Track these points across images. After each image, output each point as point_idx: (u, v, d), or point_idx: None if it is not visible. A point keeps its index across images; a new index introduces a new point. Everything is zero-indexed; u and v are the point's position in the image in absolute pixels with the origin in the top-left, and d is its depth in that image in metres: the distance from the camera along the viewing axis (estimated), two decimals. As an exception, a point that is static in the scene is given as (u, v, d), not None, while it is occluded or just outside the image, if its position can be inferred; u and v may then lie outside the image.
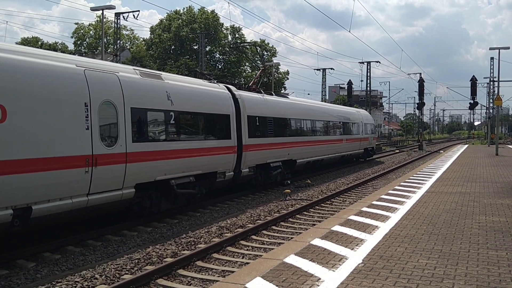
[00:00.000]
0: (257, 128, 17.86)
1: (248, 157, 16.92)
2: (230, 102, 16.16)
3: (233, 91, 16.81)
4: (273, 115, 19.44)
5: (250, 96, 18.19)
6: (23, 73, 8.78)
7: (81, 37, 75.77)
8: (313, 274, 6.14)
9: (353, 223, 9.36)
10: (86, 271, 8.25)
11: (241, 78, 73.49)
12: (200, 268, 8.73)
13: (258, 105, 18.37)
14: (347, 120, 30.89)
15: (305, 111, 24.06)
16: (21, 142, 8.53)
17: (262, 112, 18.47)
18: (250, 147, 17.04)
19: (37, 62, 9.21)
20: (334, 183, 21.51)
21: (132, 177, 11.13)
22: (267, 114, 18.93)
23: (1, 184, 8.11)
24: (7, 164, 8.18)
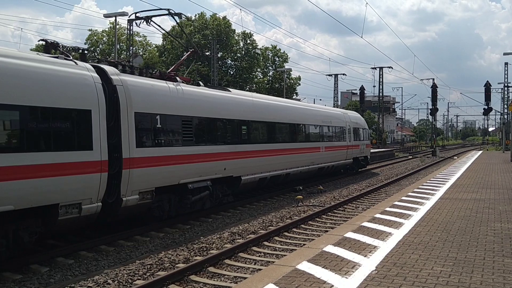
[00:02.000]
0: (158, 132, 12.30)
1: (137, 177, 11.21)
2: (92, 90, 10.26)
3: (108, 74, 11.20)
4: (194, 114, 13.80)
5: (143, 84, 12.23)
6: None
7: (94, 43, 76.47)
8: (325, 281, 6.10)
9: (366, 230, 9.29)
10: (99, 276, 8.28)
11: (253, 84, 73.67)
12: (212, 274, 8.71)
13: (160, 98, 12.58)
14: (327, 123, 24.66)
15: (257, 109, 17.73)
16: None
17: (169, 108, 12.77)
18: (140, 161, 11.38)
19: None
20: (347, 189, 21.40)
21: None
22: (182, 113, 13.25)
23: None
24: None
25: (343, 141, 26.66)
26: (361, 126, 30.73)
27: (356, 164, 29.22)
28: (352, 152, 27.92)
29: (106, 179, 10.31)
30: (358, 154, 29.22)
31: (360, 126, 30.63)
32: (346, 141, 27.06)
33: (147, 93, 12.17)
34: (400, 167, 36.85)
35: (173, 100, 13.09)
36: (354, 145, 28.31)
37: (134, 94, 11.56)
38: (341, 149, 26.22)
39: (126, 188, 10.96)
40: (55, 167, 9.18)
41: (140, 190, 11.42)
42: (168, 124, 12.72)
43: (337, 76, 67.88)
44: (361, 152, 29.82)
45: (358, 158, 29.35)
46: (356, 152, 28.73)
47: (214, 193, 14.60)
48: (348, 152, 27.30)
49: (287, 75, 69.32)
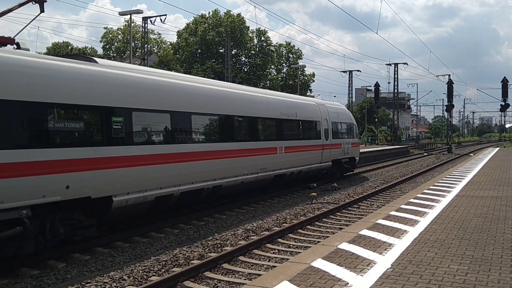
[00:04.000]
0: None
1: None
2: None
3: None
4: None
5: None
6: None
7: (109, 41, 77.13)
8: (341, 278, 6.07)
9: (381, 227, 9.23)
10: (115, 272, 8.35)
11: (267, 81, 73.66)
12: (226, 270, 8.73)
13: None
14: (289, 116, 18.81)
15: (145, 91, 11.57)
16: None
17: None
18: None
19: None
20: (361, 186, 21.29)
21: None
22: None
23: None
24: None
25: (316, 139, 20.96)
26: (344, 121, 24.81)
27: (339, 168, 23.44)
28: (331, 153, 22.13)
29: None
30: (340, 155, 23.39)
31: (343, 120, 24.72)
32: (321, 139, 21.30)
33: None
34: (415, 164, 36.57)
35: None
36: (334, 144, 22.53)
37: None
38: (313, 149, 20.46)
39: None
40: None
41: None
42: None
43: (351, 73, 67.54)
44: (345, 153, 23.95)
45: (341, 160, 23.46)
46: (337, 153, 22.98)
47: (48, 228, 9.13)
48: (325, 153, 21.51)
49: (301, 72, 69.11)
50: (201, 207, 14.91)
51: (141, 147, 11.13)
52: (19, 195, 8.21)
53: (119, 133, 10.56)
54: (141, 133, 11.38)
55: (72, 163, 9.21)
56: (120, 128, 10.56)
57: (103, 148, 10.04)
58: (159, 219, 12.85)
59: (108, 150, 10.15)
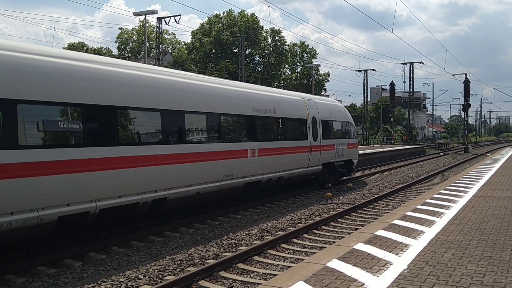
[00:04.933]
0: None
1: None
2: None
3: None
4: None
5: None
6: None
7: (124, 41, 77.68)
8: (356, 279, 6.03)
9: (397, 228, 9.15)
10: (130, 271, 8.40)
11: (281, 81, 73.60)
12: (241, 270, 8.74)
13: None
14: (264, 112, 15.82)
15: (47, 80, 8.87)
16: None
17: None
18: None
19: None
20: (377, 186, 21.14)
21: None
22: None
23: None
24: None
25: (302, 140, 18.10)
26: (338, 119, 21.74)
27: (331, 172, 20.62)
28: (320, 155, 19.26)
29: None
30: (333, 157, 20.45)
31: (337, 118, 21.59)
32: (308, 140, 18.41)
33: None
34: (431, 164, 36.24)
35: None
36: (325, 145, 19.68)
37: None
38: (298, 151, 17.66)
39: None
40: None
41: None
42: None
43: (366, 72, 67.09)
44: (339, 155, 20.97)
45: (334, 164, 20.56)
46: (329, 155, 20.05)
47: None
48: (313, 155, 18.64)
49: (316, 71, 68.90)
50: (216, 207, 14.94)
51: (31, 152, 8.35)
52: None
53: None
54: (34, 134, 8.59)
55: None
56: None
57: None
58: (174, 218, 12.90)
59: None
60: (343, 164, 21.59)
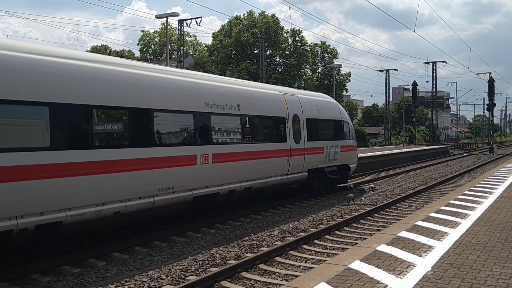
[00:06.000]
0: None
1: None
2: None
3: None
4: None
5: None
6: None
7: (146, 44, 78.43)
8: (379, 280, 5.98)
9: (421, 229, 9.04)
10: (153, 271, 8.47)
11: (302, 81, 73.44)
12: (263, 271, 8.74)
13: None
14: (227, 108, 13.15)
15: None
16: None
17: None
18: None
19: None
20: (400, 187, 20.92)
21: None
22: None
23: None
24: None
25: (279, 142, 15.24)
26: (328, 117, 18.77)
27: (321, 180, 17.93)
28: (305, 160, 16.46)
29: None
30: (322, 162, 17.67)
31: (327, 116, 18.65)
32: (288, 142, 15.55)
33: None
34: (455, 164, 35.70)
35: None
36: (311, 148, 16.82)
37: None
38: (272, 155, 14.81)
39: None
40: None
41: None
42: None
43: (388, 72, 66.41)
44: (329, 159, 18.14)
45: (323, 170, 17.80)
46: (316, 160, 17.29)
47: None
48: (294, 160, 15.77)
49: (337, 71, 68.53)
50: (236, 208, 14.98)
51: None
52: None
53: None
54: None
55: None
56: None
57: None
58: (196, 219, 12.98)
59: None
60: (336, 169, 18.73)
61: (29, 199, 8.03)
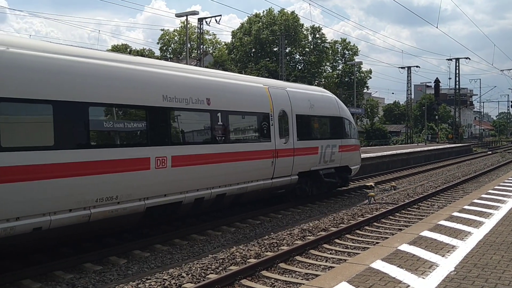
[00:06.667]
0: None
1: None
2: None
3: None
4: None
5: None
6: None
7: (166, 43, 78.98)
8: (401, 280, 5.91)
9: (444, 229, 8.90)
10: (173, 269, 8.52)
11: (322, 79, 73.10)
12: (283, 270, 8.71)
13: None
14: (192, 102, 11.20)
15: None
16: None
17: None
18: None
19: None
20: (422, 186, 20.66)
21: None
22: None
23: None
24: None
25: (261, 141, 13.50)
26: (324, 113, 16.82)
27: (315, 183, 16.14)
28: (294, 161, 14.58)
29: None
30: (315, 164, 15.76)
31: (322, 112, 16.64)
32: (272, 141, 13.71)
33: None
34: (478, 163, 35.13)
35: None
36: (301, 148, 14.90)
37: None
38: (251, 157, 12.96)
39: None
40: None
41: None
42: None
43: (410, 69, 65.69)
44: (325, 161, 16.26)
45: (318, 172, 15.91)
46: (308, 161, 15.40)
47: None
48: (280, 162, 13.94)
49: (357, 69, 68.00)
50: (256, 207, 14.97)
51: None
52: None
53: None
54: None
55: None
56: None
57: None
58: (215, 217, 13.01)
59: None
60: (334, 172, 16.86)
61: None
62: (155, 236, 10.86)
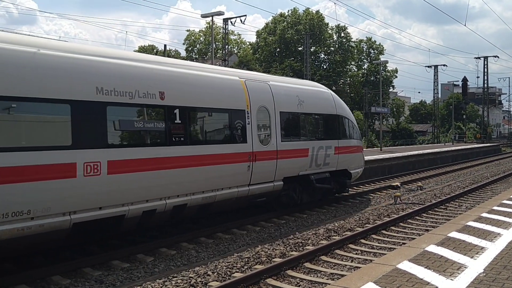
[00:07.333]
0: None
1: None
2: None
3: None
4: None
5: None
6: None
7: (192, 43, 79.57)
8: (429, 282, 5.84)
9: (472, 230, 8.76)
10: (199, 268, 8.59)
11: (347, 78, 72.60)
12: (308, 270, 8.69)
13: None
14: (138, 97, 9.31)
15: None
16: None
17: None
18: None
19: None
20: (449, 186, 20.33)
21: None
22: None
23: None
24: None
25: (232, 143, 11.67)
26: (318, 110, 14.95)
27: (304, 190, 14.38)
28: (277, 165, 12.81)
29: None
30: (306, 168, 13.95)
31: (315, 109, 14.82)
32: (248, 142, 11.94)
33: None
34: (507, 163, 34.41)
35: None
36: (286, 150, 13.06)
37: None
38: (220, 161, 11.07)
39: None
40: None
41: None
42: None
43: (437, 67, 64.65)
44: (318, 164, 14.38)
45: (308, 177, 14.14)
46: (297, 165, 13.62)
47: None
48: (259, 167, 12.17)
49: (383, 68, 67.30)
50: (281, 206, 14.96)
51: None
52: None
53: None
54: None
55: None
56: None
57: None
58: (239, 216, 13.05)
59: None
60: (329, 177, 15.00)
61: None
62: (181, 235, 10.96)
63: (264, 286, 7.85)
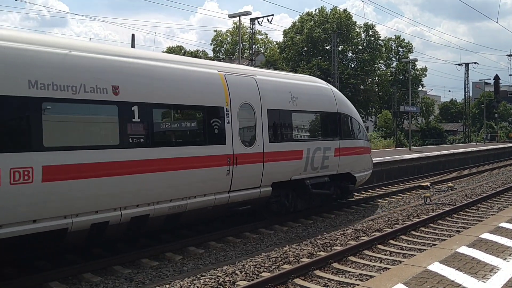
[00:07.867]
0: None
1: None
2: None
3: None
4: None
5: None
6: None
7: (219, 43, 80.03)
8: (460, 284, 5.74)
9: (505, 231, 8.57)
10: (227, 267, 8.62)
11: (375, 77, 71.84)
12: (336, 270, 8.64)
13: None
14: (85, 92, 8.06)
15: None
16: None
17: None
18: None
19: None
20: (480, 187, 19.90)
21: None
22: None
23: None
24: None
25: (208, 144, 10.30)
26: (315, 108, 13.44)
27: (297, 196, 13.03)
28: (264, 169, 11.47)
29: None
30: (300, 172, 12.59)
31: (312, 107, 13.32)
32: (227, 144, 10.59)
33: None
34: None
35: None
36: (274, 152, 11.72)
37: None
38: (192, 165, 9.82)
39: None
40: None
41: None
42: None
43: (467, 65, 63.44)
44: (316, 167, 13.04)
45: (303, 182, 12.76)
46: (289, 169, 12.28)
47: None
48: (240, 171, 10.84)
49: (412, 66, 66.33)
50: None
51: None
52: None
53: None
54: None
55: None
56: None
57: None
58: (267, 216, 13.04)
59: None
60: (328, 181, 13.63)
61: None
62: (209, 234, 11.04)
63: (292, 286, 7.84)
